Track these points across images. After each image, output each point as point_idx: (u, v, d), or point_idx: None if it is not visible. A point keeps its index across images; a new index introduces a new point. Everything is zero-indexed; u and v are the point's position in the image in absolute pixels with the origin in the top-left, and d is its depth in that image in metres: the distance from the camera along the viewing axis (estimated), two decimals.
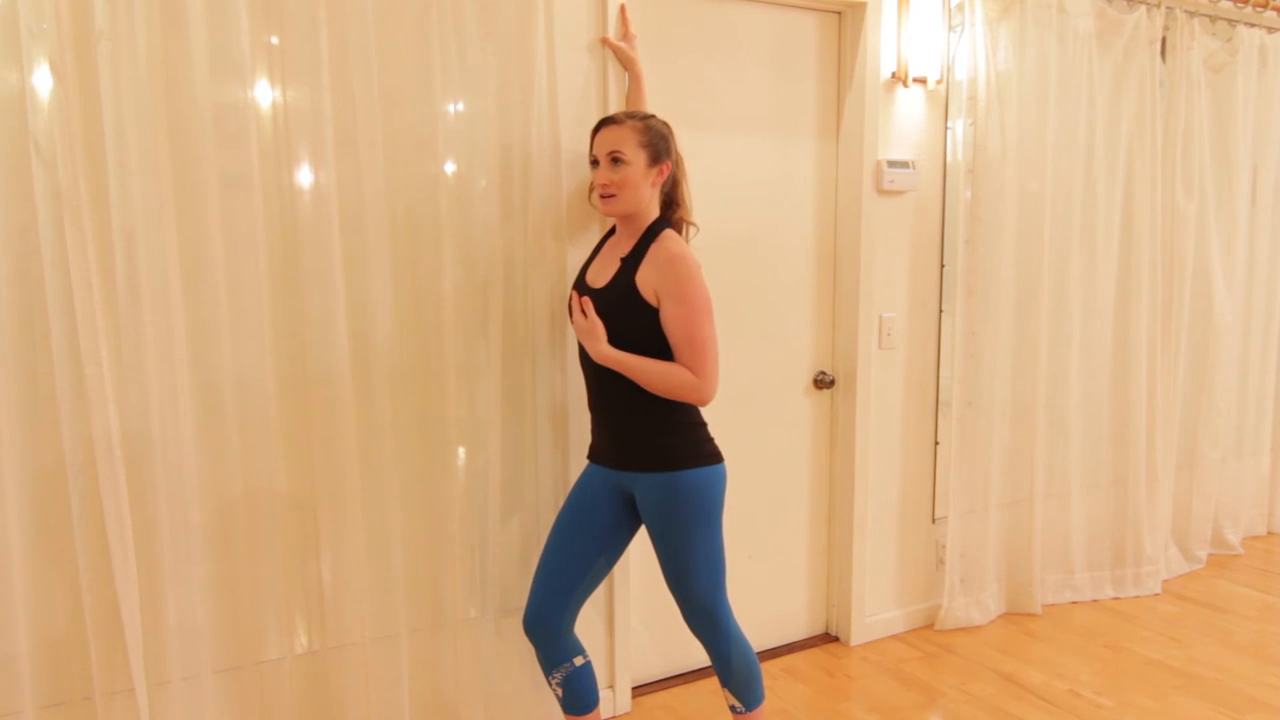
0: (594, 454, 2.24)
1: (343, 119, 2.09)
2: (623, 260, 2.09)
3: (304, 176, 2.08)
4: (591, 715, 2.27)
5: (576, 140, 2.40)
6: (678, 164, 2.20)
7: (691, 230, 2.27)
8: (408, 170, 2.20)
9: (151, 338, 1.93)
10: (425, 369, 2.27)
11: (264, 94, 2.04)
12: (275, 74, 2.04)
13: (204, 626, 2.05)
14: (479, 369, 2.33)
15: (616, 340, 2.06)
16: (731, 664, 2.16)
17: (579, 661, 2.22)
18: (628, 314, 2.05)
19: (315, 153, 2.07)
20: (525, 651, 2.47)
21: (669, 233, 2.09)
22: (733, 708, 2.22)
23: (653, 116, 2.15)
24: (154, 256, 1.92)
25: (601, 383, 2.13)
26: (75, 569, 1.92)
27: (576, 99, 2.44)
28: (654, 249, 2.05)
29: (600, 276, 2.14)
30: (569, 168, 2.40)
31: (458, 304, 2.27)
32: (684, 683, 2.89)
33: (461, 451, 2.34)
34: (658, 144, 2.10)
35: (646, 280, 2.03)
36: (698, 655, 2.93)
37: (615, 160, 2.07)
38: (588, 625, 2.59)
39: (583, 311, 2.08)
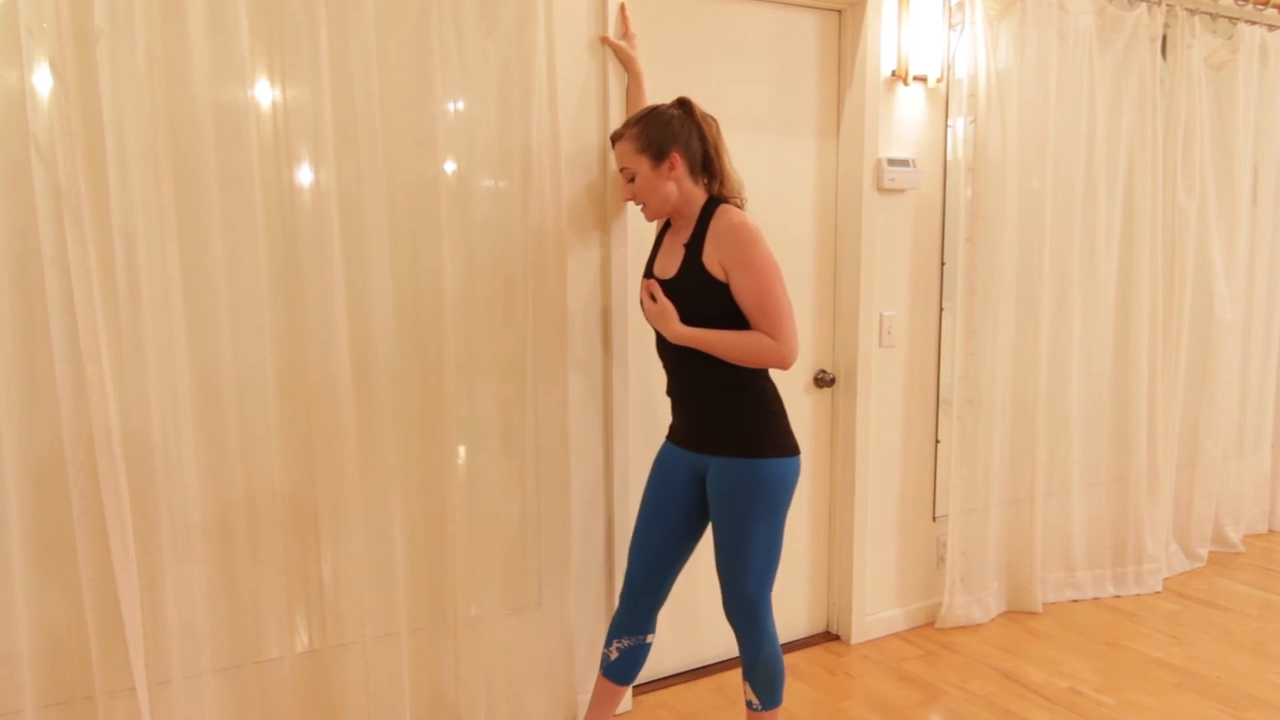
0: (673, 435, 2.24)
1: (343, 119, 2.09)
2: (686, 246, 2.09)
3: (304, 176, 2.08)
4: (623, 689, 2.30)
5: (576, 139, 2.40)
6: (704, 137, 2.12)
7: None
8: (408, 170, 2.20)
9: (151, 338, 1.93)
10: (425, 368, 2.27)
11: (264, 94, 2.04)
12: (275, 74, 2.04)
13: (204, 626, 2.05)
14: (479, 368, 2.33)
15: (694, 325, 2.05)
16: (760, 660, 2.16)
17: (649, 639, 2.27)
18: (702, 297, 2.04)
19: (315, 152, 2.07)
20: (526, 650, 2.47)
21: (725, 206, 2.09)
22: (750, 703, 2.21)
23: (651, 111, 2.12)
24: (154, 256, 1.92)
25: (680, 368, 2.13)
26: (75, 568, 1.92)
27: (576, 98, 2.44)
28: (714, 224, 2.05)
29: (668, 267, 2.14)
30: (569, 166, 2.40)
31: (458, 303, 2.27)
32: (684, 681, 2.89)
33: (462, 451, 2.34)
34: (656, 140, 2.08)
35: (713, 258, 2.03)
36: (698, 654, 2.93)
37: (630, 176, 2.12)
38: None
39: (651, 296, 2.08)
